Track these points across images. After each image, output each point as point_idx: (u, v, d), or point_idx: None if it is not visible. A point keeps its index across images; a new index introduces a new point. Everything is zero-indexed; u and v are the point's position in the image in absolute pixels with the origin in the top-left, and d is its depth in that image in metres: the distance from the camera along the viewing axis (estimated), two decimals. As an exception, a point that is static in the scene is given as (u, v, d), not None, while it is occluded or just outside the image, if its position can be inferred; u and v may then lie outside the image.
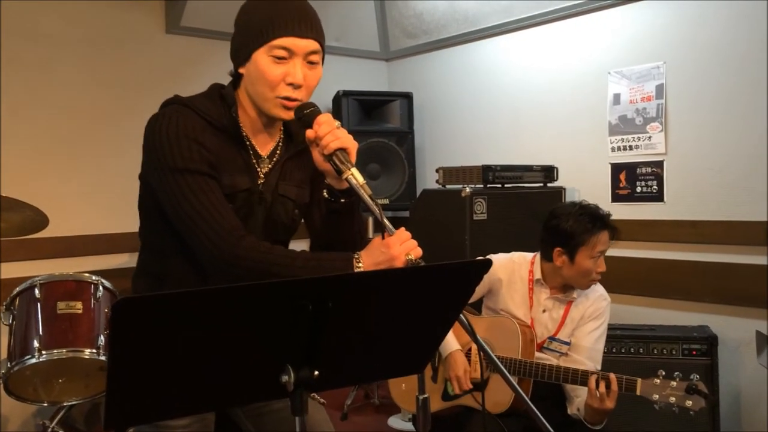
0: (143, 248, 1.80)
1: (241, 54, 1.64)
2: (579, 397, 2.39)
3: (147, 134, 1.63)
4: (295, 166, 1.79)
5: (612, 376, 2.24)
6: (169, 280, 1.71)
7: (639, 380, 2.21)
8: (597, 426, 2.33)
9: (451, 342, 2.53)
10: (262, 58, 1.59)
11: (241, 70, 1.66)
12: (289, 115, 1.64)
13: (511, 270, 2.62)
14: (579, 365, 2.42)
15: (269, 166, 1.74)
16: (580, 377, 2.32)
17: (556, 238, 2.49)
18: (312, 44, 1.61)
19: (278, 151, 1.76)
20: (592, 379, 2.24)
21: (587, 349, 2.49)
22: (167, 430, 1.65)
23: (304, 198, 1.81)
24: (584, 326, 2.53)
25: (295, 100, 1.61)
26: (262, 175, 1.72)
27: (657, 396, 2.16)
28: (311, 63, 1.63)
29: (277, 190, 1.74)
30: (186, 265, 1.67)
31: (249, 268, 1.53)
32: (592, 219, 2.45)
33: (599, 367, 2.49)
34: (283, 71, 1.60)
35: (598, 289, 2.58)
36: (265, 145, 1.74)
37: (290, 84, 1.60)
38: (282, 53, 1.59)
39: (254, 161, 1.71)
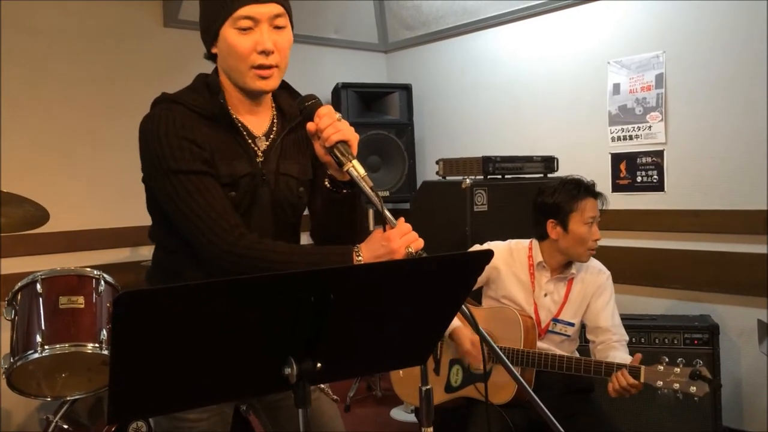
0: (157, 247, 1.80)
1: (208, 34, 1.63)
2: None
3: (140, 137, 1.63)
4: (293, 141, 1.77)
5: (624, 371, 2.23)
6: (181, 276, 1.70)
7: (642, 367, 2.21)
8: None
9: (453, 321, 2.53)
10: (228, 32, 1.58)
11: (214, 50, 1.65)
12: (268, 85, 1.62)
13: (509, 257, 2.63)
14: (611, 348, 2.44)
15: (266, 143, 1.72)
16: (584, 366, 2.32)
17: (546, 211, 2.54)
18: (275, 8, 1.60)
19: (274, 128, 1.74)
20: (613, 379, 2.25)
21: (608, 327, 2.51)
22: (185, 422, 1.65)
23: (306, 174, 1.78)
24: (593, 306, 2.55)
25: (269, 67, 1.60)
26: (260, 154, 1.70)
27: (661, 383, 2.16)
28: (278, 27, 1.61)
29: (279, 169, 1.72)
30: (197, 262, 1.66)
31: (250, 266, 1.53)
32: (577, 186, 2.53)
33: (626, 337, 2.53)
34: (252, 41, 1.58)
35: (596, 265, 2.60)
36: (258, 124, 1.72)
37: (262, 52, 1.59)
38: (246, 23, 1.57)
39: (250, 142, 1.69)
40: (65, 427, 2.88)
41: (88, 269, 2.84)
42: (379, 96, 4.63)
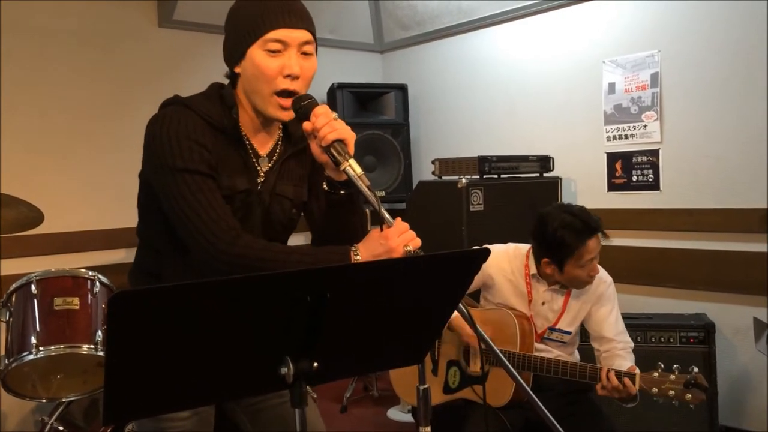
0: (140, 246, 1.80)
1: (235, 53, 1.63)
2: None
3: (148, 134, 1.63)
4: (294, 164, 1.79)
5: (611, 373, 2.24)
6: (165, 278, 1.71)
7: (638, 374, 2.21)
8: (629, 404, 2.31)
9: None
10: (256, 53, 1.59)
11: (237, 70, 1.65)
12: (287, 115, 1.63)
13: (506, 263, 2.59)
14: (616, 356, 2.43)
15: (269, 164, 1.74)
16: (579, 371, 2.32)
17: (542, 248, 2.45)
18: (305, 35, 1.61)
19: (277, 150, 1.76)
20: (602, 377, 2.25)
21: (612, 337, 2.49)
22: (168, 422, 1.66)
23: (301, 196, 1.81)
24: (595, 316, 2.52)
25: (293, 93, 1.61)
26: (262, 174, 1.72)
27: (656, 389, 2.16)
28: (305, 54, 1.63)
29: (274, 189, 1.74)
30: (182, 264, 1.67)
31: (246, 266, 1.53)
32: (577, 230, 2.37)
33: (632, 344, 2.51)
34: (280, 64, 1.59)
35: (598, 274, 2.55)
36: (264, 144, 1.74)
37: (288, 76, 1.59)
38: (276, 46, 1.58)
39: (254, 161, 1.71)
40: (60, 428, 2.87)
41: (83, 270, 2.82)
42: (374, 96, 4.63)
